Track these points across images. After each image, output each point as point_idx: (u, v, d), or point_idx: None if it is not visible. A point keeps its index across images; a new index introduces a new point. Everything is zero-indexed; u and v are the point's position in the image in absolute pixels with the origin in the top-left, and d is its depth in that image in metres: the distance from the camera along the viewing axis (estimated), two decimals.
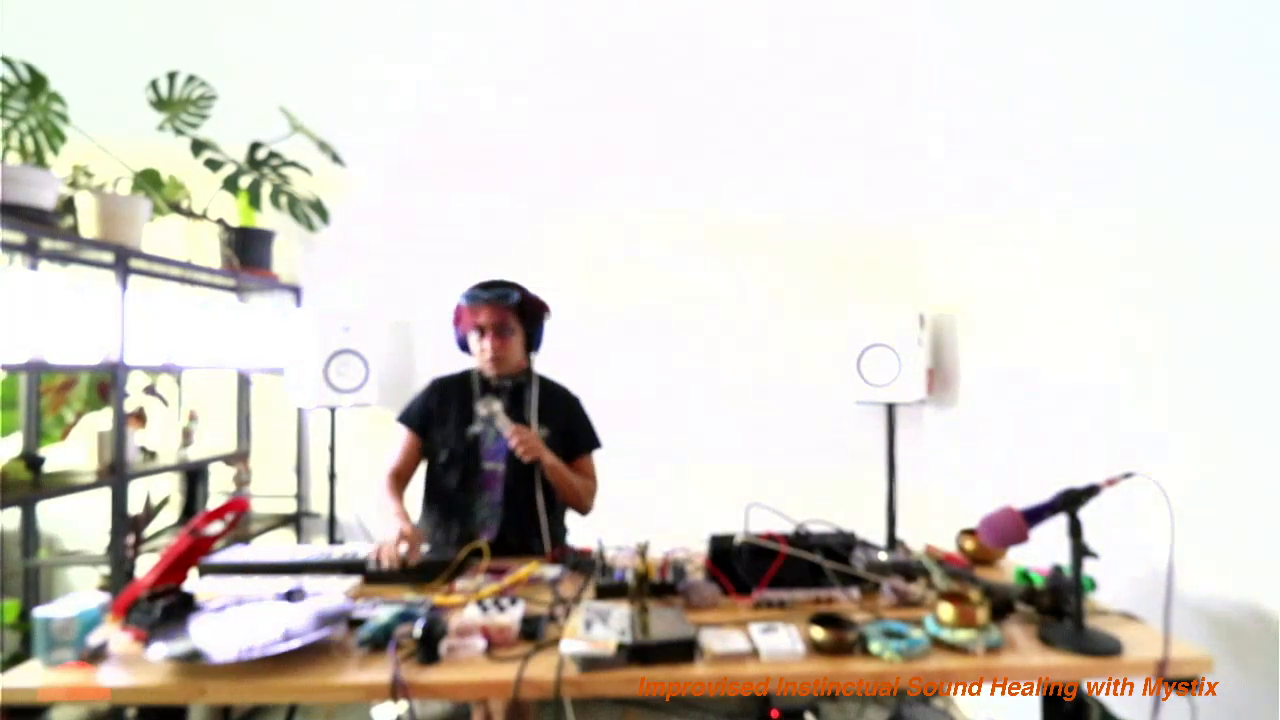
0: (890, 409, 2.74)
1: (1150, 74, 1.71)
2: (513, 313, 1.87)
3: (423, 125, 2.99)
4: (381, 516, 1.82)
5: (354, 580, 1.57)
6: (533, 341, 1.97)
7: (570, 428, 1.97)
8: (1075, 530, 1.29)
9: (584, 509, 1.96)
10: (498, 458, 1.87)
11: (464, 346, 1.96)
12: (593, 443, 2.01)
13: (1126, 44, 1.79)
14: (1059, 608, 1.35)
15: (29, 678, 1.17)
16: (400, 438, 1.95)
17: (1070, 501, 1.28)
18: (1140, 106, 1.73)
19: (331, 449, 2.79)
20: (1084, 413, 1.94)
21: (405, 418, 1.97)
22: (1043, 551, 1.58)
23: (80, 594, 1.31)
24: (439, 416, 1.93)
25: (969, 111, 2.60)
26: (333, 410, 2.76)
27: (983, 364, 2.55)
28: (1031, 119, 2.20)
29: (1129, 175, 1.76)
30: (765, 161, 2.97)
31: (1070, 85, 2.00)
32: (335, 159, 2.68)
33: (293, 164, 2.58)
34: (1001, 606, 1.37)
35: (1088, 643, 1.24)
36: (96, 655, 1.23)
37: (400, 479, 1.91)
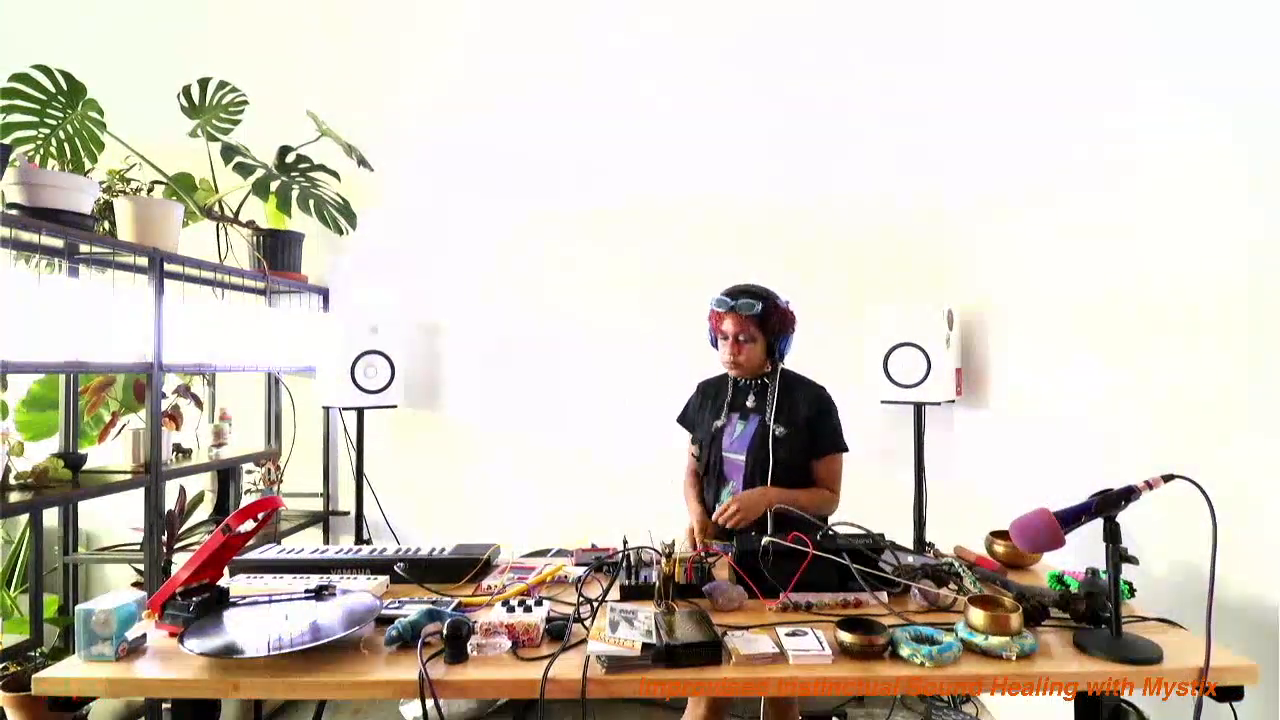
0: (919, 409, 2.70)
1: (1193, 68, 1.66)
2: (754, 322, 1.89)
3: (450, 128, 3.01)
4: None
5: (382, 579, 1.59)
6: (775, 350, 1.94)
7: (814, 425, 1.93)
8: (1113, 535, 1.25)
9: (825, 517, 1.90)
10: (740, 449, 1.94)
11: (715, 344, 2.03)
12: (837, 445, 1.95)
13: (1162, 35, 1.74)
14: (1096, 614, 1.32)
15: (70, 670, 1.21)
16: (688, 439, 2.13)
17: (1107, 505, 1.24)
18: (1181, 95, 1.69)
19: (359, 449, 2.83)
20: (1121, 412, 1.89)
21: (682, 419, 2.15)
22: (1077, 554, 1.54)
23: (119, 590, 1.34)
24: (699, 413, 2.07)
25: (998, 95, 2.55)
26: (360, 411, 2.79)
27: (1015, 362, 2.50)
28: (1066, 103, 2.15)
29: (1157, 164, 1.72)
30: (786, 153, 2.95)
31: (1110, 62, 1.96)
32: (362, 163, 2.72)
33: (320, 167, 2.62)
34: (1035, 612, 1.34)
35: (1126, 650, 1.21)
36: (134, 650, 1.26)
37: (695, 475, 2.07)
